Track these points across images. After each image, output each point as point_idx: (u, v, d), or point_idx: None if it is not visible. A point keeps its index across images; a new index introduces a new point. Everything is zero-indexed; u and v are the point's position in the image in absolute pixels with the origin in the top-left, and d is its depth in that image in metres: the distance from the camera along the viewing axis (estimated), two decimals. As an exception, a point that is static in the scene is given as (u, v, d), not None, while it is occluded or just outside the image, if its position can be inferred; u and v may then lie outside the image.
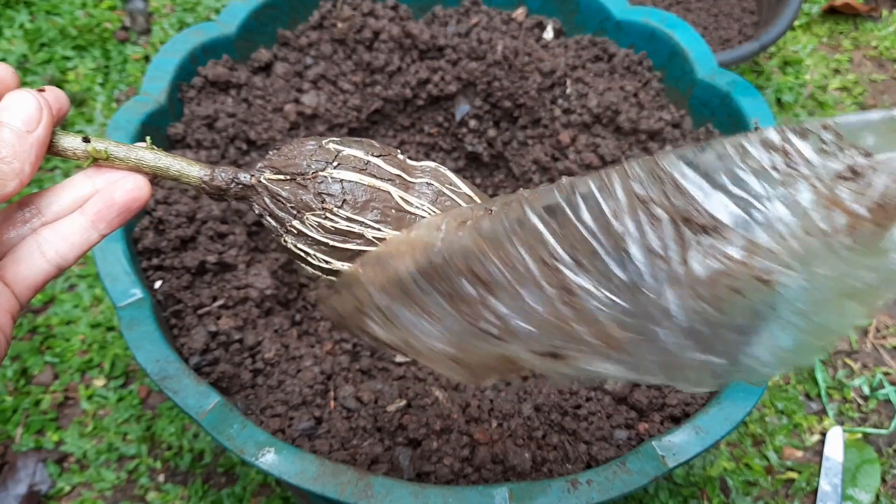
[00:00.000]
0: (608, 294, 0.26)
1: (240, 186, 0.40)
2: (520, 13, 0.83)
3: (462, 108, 0.82)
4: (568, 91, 0.78)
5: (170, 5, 1.22)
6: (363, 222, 0.38)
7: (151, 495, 0.75)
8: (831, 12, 1.29)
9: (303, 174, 0.38)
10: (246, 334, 0.59)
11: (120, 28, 1.17)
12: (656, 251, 0.26)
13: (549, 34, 0.83)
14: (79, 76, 1.09)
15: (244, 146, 0.72)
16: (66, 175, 0.96)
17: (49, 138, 0.35)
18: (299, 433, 0.53)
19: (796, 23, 1.27)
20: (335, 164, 0.39)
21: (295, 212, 0.39)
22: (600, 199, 0.26)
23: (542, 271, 0.28)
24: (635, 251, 0.26)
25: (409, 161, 0.41)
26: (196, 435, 0.78)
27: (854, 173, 0.24)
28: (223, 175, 0.39)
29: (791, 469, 0.79)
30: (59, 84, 1.07)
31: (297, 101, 0.77)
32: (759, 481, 0.78)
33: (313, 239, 0.39)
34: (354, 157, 0.39)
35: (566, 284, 0.27)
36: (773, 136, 0.26)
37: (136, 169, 0.38)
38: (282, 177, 0.39)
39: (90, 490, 0.75)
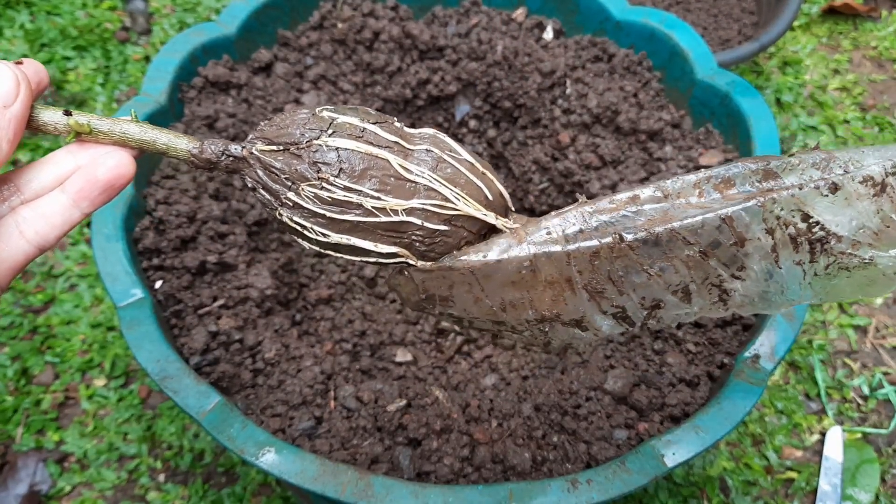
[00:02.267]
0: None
1: (231, 159, 0.38)
2: (520, 13, 0.83)
3: (462, 109, 0.82)
4: (568, 91, 0.78)
5: (170, 6, 1.22)
6: (362, 191, 0.37)
7: (152, 495, 0.75)
8: (831, 12, 1.30)
9: (296, 143, 0.37)
10: (246, 334, 0.59)
11: (120, 28, 1.17)
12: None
13: (548, 34, 0.83)
14: (79, 76, 1.09)
15: (244, 146, 0.72)
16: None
17: (28, 113, 0.33)
18: (299, 433, 0.53)
19: (796, 23, 1.27)
20: (330, 131, 0.37)
21: (290, 183, 0.37)
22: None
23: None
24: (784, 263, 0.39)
25: (406, 128, 0.40)
26: (196, 435, 0.78)
27: None
28: (213, 147, 0.37)
29: (791, 469, 0.79)
30: (59, 84, 1.07)
31: (297, 101, 0.77)
32: (759, 481, 0.78)
33: (310, 211, 0.37)
34: (350, 124, 0.37)
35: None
36: None
37: (122, 143, 0.36)
38: (274, 147, 0.37)
39: (91, 490, 0.75)
